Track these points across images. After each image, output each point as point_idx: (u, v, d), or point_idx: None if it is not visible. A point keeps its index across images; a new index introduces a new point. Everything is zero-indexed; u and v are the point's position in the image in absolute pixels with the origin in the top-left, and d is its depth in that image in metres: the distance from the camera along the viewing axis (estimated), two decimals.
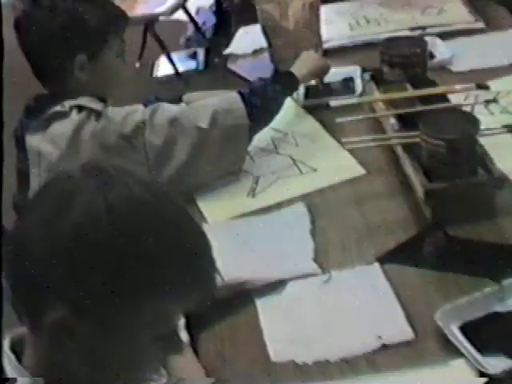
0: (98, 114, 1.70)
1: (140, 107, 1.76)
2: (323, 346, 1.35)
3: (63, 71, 1.74)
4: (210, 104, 1.78)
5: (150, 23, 4.22)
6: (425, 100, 1.77)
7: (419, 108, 1.72)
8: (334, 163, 1.85)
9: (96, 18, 1.73)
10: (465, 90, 1.80)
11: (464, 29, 2.35)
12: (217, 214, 1.74)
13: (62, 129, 1.70)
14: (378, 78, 1.97)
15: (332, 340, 1.36)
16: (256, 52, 2.47)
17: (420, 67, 1.91)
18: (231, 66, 2.45)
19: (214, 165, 1.77)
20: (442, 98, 1.78)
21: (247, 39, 2.57)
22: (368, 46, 2.36)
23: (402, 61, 1.90)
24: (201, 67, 4.32)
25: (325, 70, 2.06)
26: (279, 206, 1.74)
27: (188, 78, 4.14)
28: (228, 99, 1.79)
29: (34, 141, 1.72)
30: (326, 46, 2.33)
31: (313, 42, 2.28)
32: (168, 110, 1.75)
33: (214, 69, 3.84)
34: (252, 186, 1.81)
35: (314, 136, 1.95)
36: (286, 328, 1.42)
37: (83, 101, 1.73)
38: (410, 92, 1.82)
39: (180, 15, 4.44)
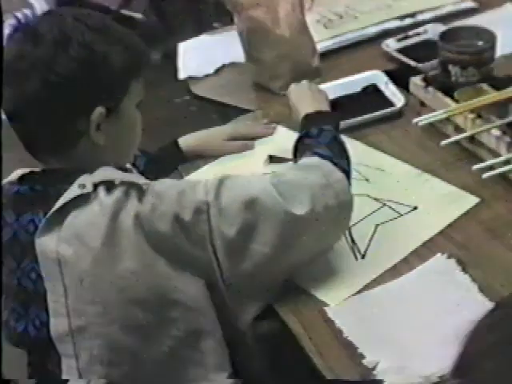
0: (140, 191, 1.21)
1: (198, 181, 1.27)
2: None
3: (74, 132, 1.22)
4: (300, 179, 1.29)
5: None
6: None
7: None
8: (431, 194, 1.49)
9: (120, 56, 1.22)
10: None
11: (455, 10, 2.07)
12: (334, 293, 1.32)
13: (89, 219, 1.19)
14: (437, 82, 1.62)
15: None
16: (219, 71, 2.03)
17: (490, 63, 1.60)
18: (197, 91, 1.98)
19: (308, 252, 1.31)
20: None
21: (198, 57, 2.11)
22: (359, 44, 2.03)
23: (475, 59, 1.57)
24: None
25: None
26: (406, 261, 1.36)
27: None
28: (319, 169, 1.31)
29: (46, 244, 1.19)
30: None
31: (309, 49, 1.89)
32: (240, 186, 1.26)
33: None
34: (350, 245, 1.39)
35: (377, 164, 1.57)
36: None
37: (109, 173, 1.22)
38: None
39: None
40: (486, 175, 1.40)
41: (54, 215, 1.19)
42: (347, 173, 1.34)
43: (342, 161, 1.35)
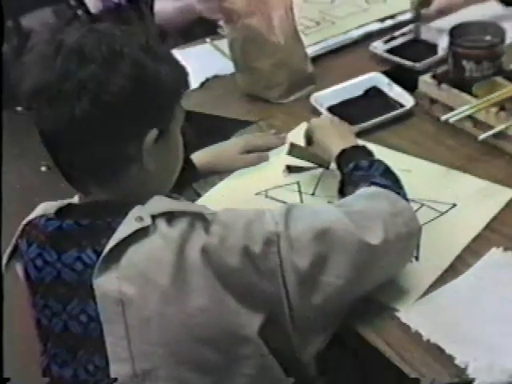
0: (205, 222, 1.13)
1: (263, 210, 1.19)
2: None
3: (126, 157, 1.14)
4: (369, 208, 1.24)
5: None
6: None
7: None
8: (466, 190, 1.48)
9: (168, 76, 1.15)
10: None
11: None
12: (401, 298, 1.28)
13: (152, 254, 1.10)
14: (450, 79, 1.62)
15: None
16: (204, 85, 1.97)
17: (502, 56, 1.61)
18: (188, 107, 1.90)
19: (378, 281, 1.26)
20: None
21: None
22: (345, 48, 2.02)
23: (489, 52, 1.58)
24: None
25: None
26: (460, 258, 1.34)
27: None
28: (385, 198, 1.27)
29: (106, 284, 1.10)
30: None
31: (303, 55, 1.86)
32: (309, 215, 1.19)
33: None
34: None
35: (403, 165, 1.55)
36: None
37: (165, 203, 1.14)
38: None
39: None
40: None
41: (111, 252, 1.10)
42: (408, 201, 1.32)
43: (401, 190, 1.32)
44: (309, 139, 1.55)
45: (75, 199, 1.21)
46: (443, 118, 1.51)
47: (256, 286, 1.15)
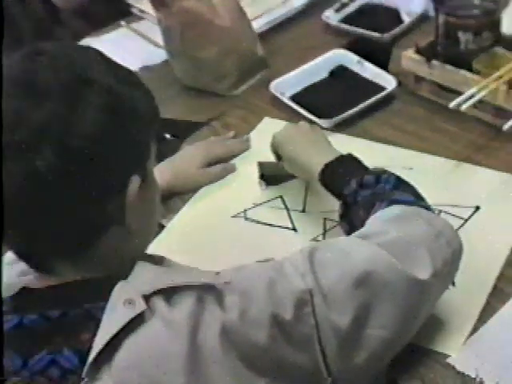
0: (217, 293, 0.87)
1: (279, 261, 0.93)
2: None
3: (104, 217, 0.85)
4: (407, 234, 0.99)
5: None
6: None
7: None
8: (485, 186, 1.25)
9: (143, 104, 0.87)
10: None
11: None
12: (450, 340, 1.04)
13: (156, 347, 0.82)
14: (441, 53, 1.37)
15: None
16: None
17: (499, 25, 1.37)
18: None
19: (424, 318, 1.01)
20: None
21: None
22: (290, 21, 1.73)
23: (490, 21, 1.33)
24: None
25: None
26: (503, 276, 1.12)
27: None
28: (418, 217, 1.02)
29: None
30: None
31: (251, 37, 1.57)
32: (339, 257, 0.94)
33: None
34: None
35: (401, 162, 1.30)
36: None
37: (154, 275, 0.87)
38: None
39: None
40: None
41: (101, 352, 0.81)
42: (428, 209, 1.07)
43: (424, 201, 1.07)
44: (278, 155, 1.29)
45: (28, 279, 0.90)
46: (452, 104, 1.26)
47: (288, 359, 0.89)
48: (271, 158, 1.31)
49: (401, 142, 1.36)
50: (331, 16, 1.69)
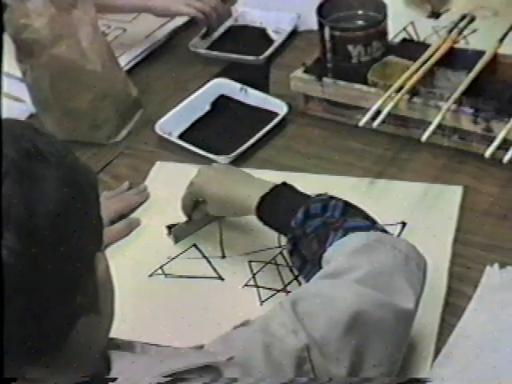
0: (216, 371, 0.78)
1: (262, 319, 0.89)
2: None
3: (75, 308, 0.72)
4: (381, 265, 0.94)
5: None
6: None
7: None
8: (407, 200, 1.22)
9: (88, 171, 0.77)
10: None
11: None
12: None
13: None
14: (332, 70, 1.32)
15: None
16: None
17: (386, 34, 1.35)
18: None
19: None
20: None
21: None
22: (156, 53, 1.63)
23: (379, 31, 1.30)
24: None
25: None
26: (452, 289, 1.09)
27: None
28: (381, 245, 0.97)
29: None
30: None
31: (122, 78, 1.46)
32: (324, 303, 0.89)
33: None
34: None
35: (314, 188, 1.25)
36: None
37: (144, 367, 0.76)
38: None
39: None
40: None
41: None
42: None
43: (378, 223, 1.03)
44: (189, 215, 1.21)
45: None
46: (361, 123, 1.21)
47: None
48: (172, 205, 1.22)
49: (307, 167, 1.30)
50: (198, 44, 1.61)
